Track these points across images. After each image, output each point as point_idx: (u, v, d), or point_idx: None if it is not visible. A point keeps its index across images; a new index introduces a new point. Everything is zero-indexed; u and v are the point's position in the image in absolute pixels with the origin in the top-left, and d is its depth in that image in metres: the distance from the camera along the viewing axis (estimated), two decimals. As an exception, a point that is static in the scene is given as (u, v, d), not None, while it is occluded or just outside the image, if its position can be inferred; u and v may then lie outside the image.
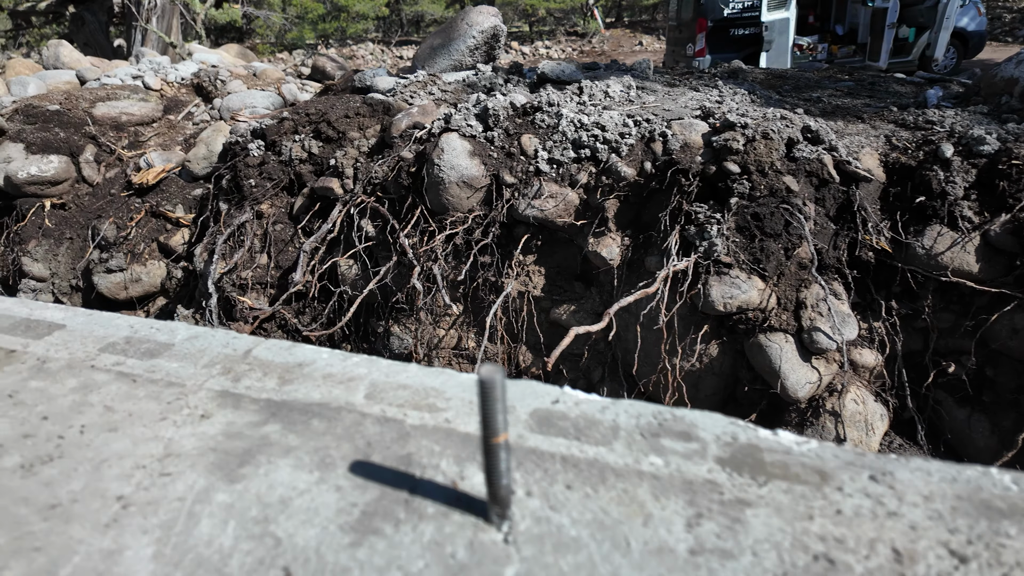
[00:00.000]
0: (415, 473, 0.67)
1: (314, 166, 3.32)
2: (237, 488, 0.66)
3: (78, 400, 0.81)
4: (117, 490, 0.66)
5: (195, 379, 0.86)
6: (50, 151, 4.10)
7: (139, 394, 0.83)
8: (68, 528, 0.61)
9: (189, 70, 5.62)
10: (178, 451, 0.72)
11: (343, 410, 0.79)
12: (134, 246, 3.87)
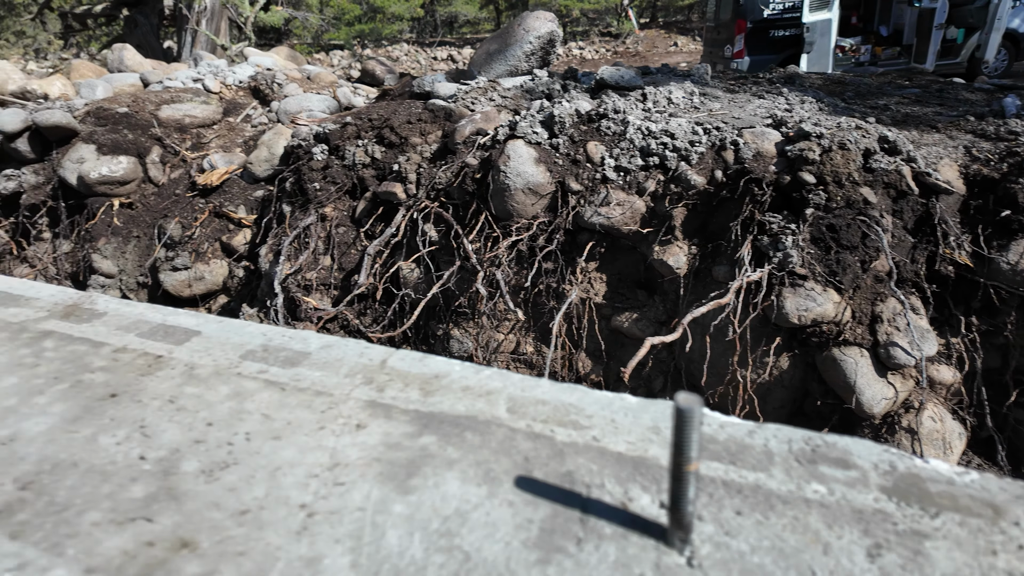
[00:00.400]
0: (581, 492, 0.69)
1: (376, 171, 3.38)
2: (411, 499, 0.68)
3: (235, 407, 0.85)
4: (298, 498, 0.69)
5: (341, 388, 0.89)
6: (119, 152, 4.26)
7: (291, 402, 0.86)
8: (263, 534, 0.64)
9: (246, 73, 5.76)
10: (344, 460, 0.75)
11: (491, 424, 0.81)
12: (198, 245, 4.00)
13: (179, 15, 13.66)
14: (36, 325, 1.08)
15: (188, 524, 0.65)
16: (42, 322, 1.09)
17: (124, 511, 0.67)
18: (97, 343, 1.02)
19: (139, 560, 0.60)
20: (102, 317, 1.11)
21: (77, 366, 0.95)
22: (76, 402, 0.86)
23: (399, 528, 0.64)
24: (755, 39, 8.09)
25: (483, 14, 24.84)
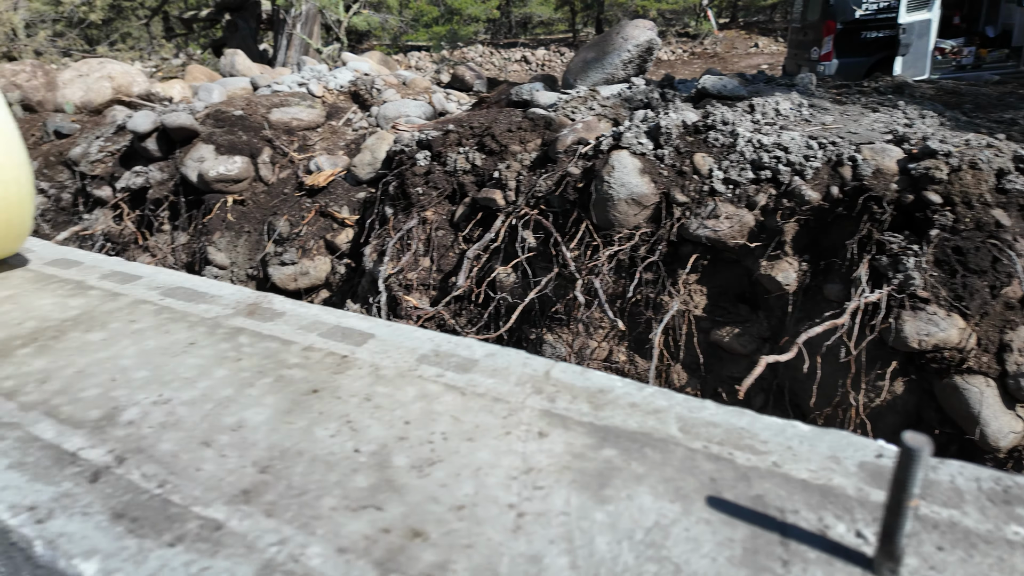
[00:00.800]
0: (775, 516, 0.71)
1: (476, 177, 3.49)
2: (609, 509, 0.73)
3: (426, 408, 0.93)
4: (504, 498, 0.75)
5: (515, 396, 0.95)
6: (234, 152, 4.57)
7: (473, 407, 0.93)
8: (483, 529, 0.70)
9: (346, 78, 6.04)
10: (536, 466, 0.80)
11: (668, 442, 0.84)
12: (304, 242, 4.24)
13: (276, 19, 14.38)
14: (227, 321, 1.20)
15: (413, 515, 0.72)
16: (231, 319, 1.21)
17: (355, 499, 0.75)
18: (286, 341, 1.13)
19: (380, 544, 0.68)
20: (283, 316, 1.22)
21: (275, 362, 1.06)
22: (283, 395, 0.96)
23: (606, 535, 0.69)
24: (845, 41, 7.74)
25: (558, 15, 24.85)
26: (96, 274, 1.43)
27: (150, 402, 0.94)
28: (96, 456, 0.82)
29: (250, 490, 0.76)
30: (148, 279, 1.40)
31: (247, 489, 0.76)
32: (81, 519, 0.72)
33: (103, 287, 1.36)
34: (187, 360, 1.06)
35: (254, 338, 1.14)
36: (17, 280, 1.41)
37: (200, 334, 1.16)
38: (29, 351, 1.09)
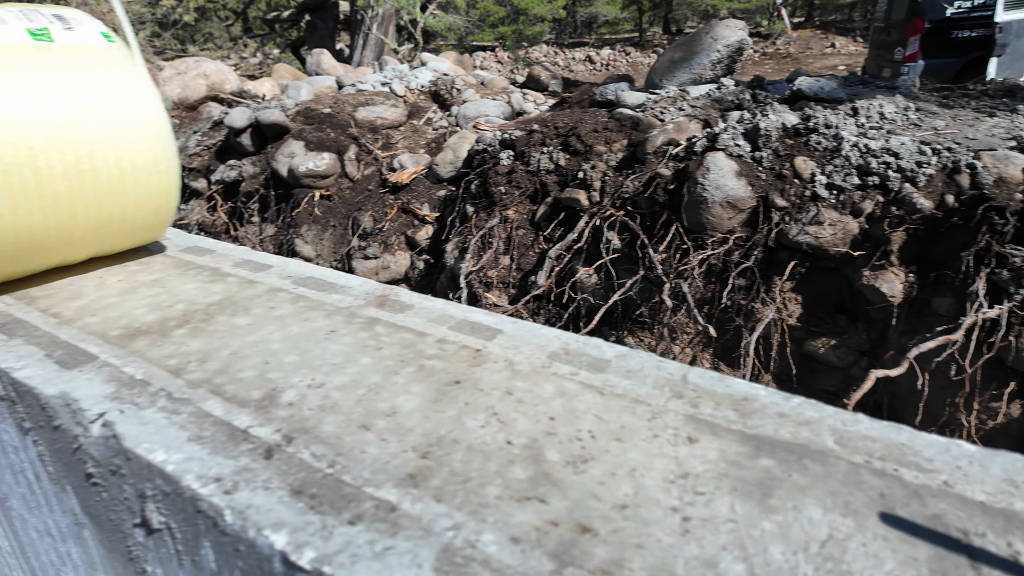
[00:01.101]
0: (959, 538, 0.68)
1: (559, 177, 3.49)
2: (777, 519, 0.72)
3: (567, 405, 0.94)
4: (666, 501, 0.75)
5: (655, 399, 0.95)
6: (323, 149, 4.75)
7: (613, 407, 0.93)
8: (650, 530, 0.70)
9: (426, 78, 6.16)
10: (691, 471, 0.80)
11: (827, 455, 0.82)
12: (387, 237, 4.36)
13: (353, 20, 14.81)
14: (361, 312, 1.25)
15: (577, 510, 0.73)
16: (364, 309, 1.26)
17: (517, 490, 0.76)
18: (420, 333, 1.16)
19: (552, 537, 0.69)
20: (412, 309, 1.26)
21: (413, 352, 1.09)
22: (428, 384, 0.99)
23: (779, 545, 0.68)
24: (933, 41, 7.32)
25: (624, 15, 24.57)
26: (229, 262, 1.51)
27: (305, 385, 0.99)
28: (265, 434, 0.87)
29: (415, 474, 0.79)
30: (278, 268, 1.48)
31: (412, 473, 0.79)
32: (264, 493, 0.76)
33: (238, 275, 1.44)
34: (331, 347, 1.11)
35: (390, 328, 1.18)
36: (159, 265, 1.50)
37: (338, 322, 1.21)
38: (184, 332, 1.16)
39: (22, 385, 1.01)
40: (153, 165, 1.33)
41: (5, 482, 1.33)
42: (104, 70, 1.26)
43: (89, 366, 1.04)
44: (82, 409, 0.94)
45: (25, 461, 1.17)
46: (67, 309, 1.26)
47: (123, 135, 1.28)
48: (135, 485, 0.88)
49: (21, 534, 1.42)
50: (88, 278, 1.42)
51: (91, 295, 1.33)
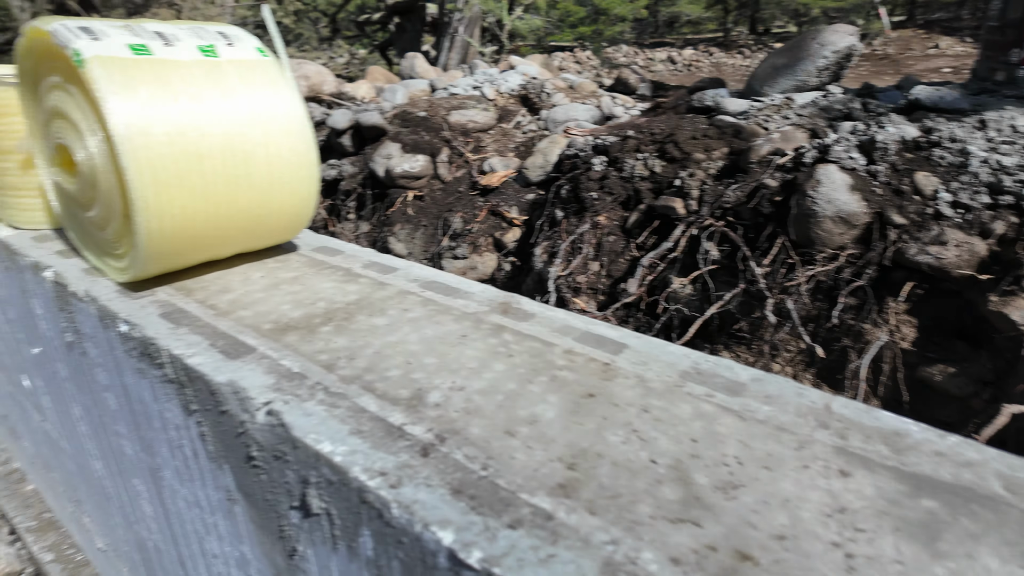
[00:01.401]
0: None
1: (654, 184, 3.46)
2: (949, 565, 0.69)
3: (707, 428, 0.94)
4: (825, 535, 0.74)
5: (799, 428, 0.93)
6: (418, 151, 4.91)
7: (756, 433, 0.92)
8: (812, 563, 0.70)
9: (515, 82, 6.24)
10: (848, 506, 0.78)
11: (997, 501, 0.78)
12: (475, 239, 4.46)
13: (441, 23, 15.16)
14: (487, 318, 1.29)
15: (734, 537, 0.73)
16: (489, 316, 1.30)
17: (668, 510, 0.77)
18: (547, 343, 1.19)
19: (711, 561, 0.70)
20: (534, 317, 1.29)
21: (543, 362, 1.12)
22: (563, 395, 1.02)
23: (954, 592, 0.66)
24: None
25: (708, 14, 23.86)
26: (358, 263, 1.60)
27: (447, 387, 1.04)
28: (419, 432, 0.92)
29: (565, 485, 0.82)
30: (404, 271, 1.55)
31: (562, 484, 0.82)
32: (427, 490, 0.81)
33: (369, 276, 1.52)
34: (465, 351, 1.16)
35: (517, 336, 1.22)
36: (296, 263, 1.61)
37: (468, 327, 1.25)
38: (329, 329, 1.24)
39: (194, 371, 1.12)
40: (297, 170, 1.43)
41: (160, 455, 1.47)
42: (260, 82, 1.36)
43: (250, 357, 1.14)
44: (249, 397, 1.03)
45: (185, 438, 1.29)
46: (221, 302, 1.37)
47: (274, 143, 1.37)
48: (298, 472, 0.95)
49: (169, 503, 1.56)
50: (234, 273, 1.54)
51: (239, 289, 1.44)
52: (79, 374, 1.75)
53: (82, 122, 1.24)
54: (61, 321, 1.67)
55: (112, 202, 1.29)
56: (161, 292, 1.40)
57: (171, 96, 1.21)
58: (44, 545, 3.19)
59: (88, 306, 1.43)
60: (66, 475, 2.60)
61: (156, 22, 1.35)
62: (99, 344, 1.48)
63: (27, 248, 1.73)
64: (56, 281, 1.57)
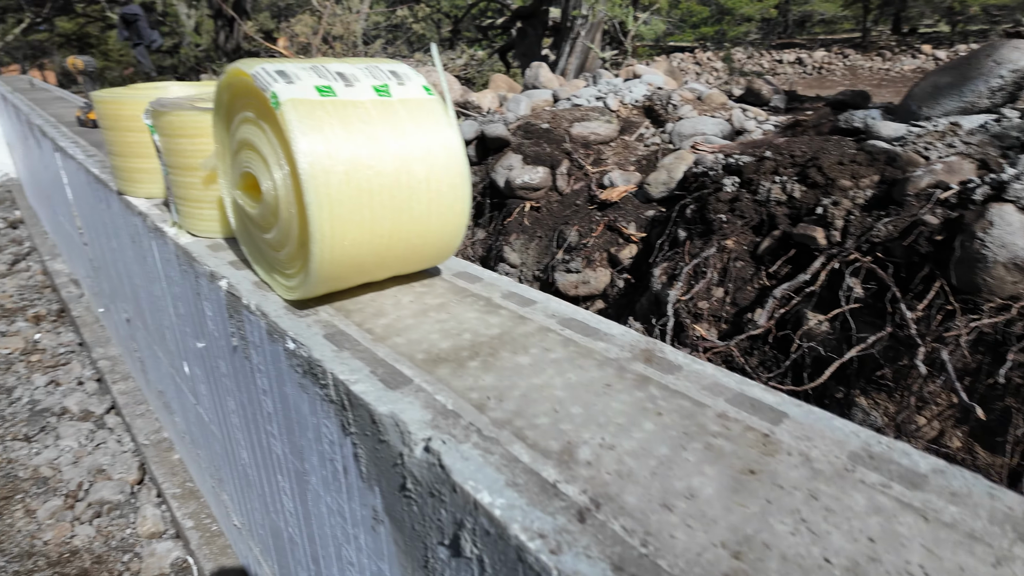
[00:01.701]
0: None
1: (791, 210, 3.26)
2: None
3: (886, 527, 0.86)
4: None
5: (994, 539, 0.84)
6: (538, 163, 4.96)
7: (944, 539, 0.84)
8: None
9: (640, 92, 6.12)
10: (1067, 648, 0.69)
11: None
12: (590, 253, 4.43)
13: (563, 27, 15.21)
14: (630, 366, 1.27)
15: (930, 667, 0.67)
16: (632, 364, 1.28)
17: (849, 622, 0.72)
18: (697, 402, 1.15)
19: None
20: (680, 370, 1.26)
21: (696, 425, 1.08)
22: (720, 468, 0.98)
23: None
24: None
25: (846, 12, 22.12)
26: (497, 293, 1.63)
27: (597, 444, 1.03)
28: (573, 493, 0.92)
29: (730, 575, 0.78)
30: (542, 305, 1.56)
31: (727, 574, 0.78)
32: (587, 561, 0.80)
33: (508, 308, 1.54)
34: (611, 403, 1.14)
35: (663, 391, 1.19)
36: (440, 289, 1.66)
37: (611, 375, 1.24)
38: (477, 365, 1.27)
39: (357, 398, 1.19)
40: (452, 204, 1.48)
41: (310, 462, 1.58)
42: (426, 120, 1.42)
43: (407, 388, 1.19)
44: (409, 432, 1.08)
45: (337, 454, 1.38)
46: (376, 326, 1.45)
47: (435, 178, 1.43)
48: (454, 514, 0.99)
49: (311, 505, 1.68)
50: (386, 296, 1.62)
51: (392, 314, 1.51)
52: (239, 374, 1.93)
53: (271, 156, 1.36)
54: (229, 326, 1.84)
55: (290, 229, 1.40)
56: (323, 312, 1.51)
57: (350, 135, 1.29)
58: (186, 512, 3.54)
59: (258, 319, 1.57)
60: (211, 454, 2.87)
61: (338, 62, 1.45)
62: (263, 354, 1.62)
63: (204, 256, 1.92)
64: (229, 292, 1.73)
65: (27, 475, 4.02)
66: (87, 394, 4.95)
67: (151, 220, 2.34)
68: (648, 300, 3.79)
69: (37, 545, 3.44)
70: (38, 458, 4.17)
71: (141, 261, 2.74)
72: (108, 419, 4.65)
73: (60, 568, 3.29)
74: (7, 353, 5.62)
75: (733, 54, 17.81)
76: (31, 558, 3.35)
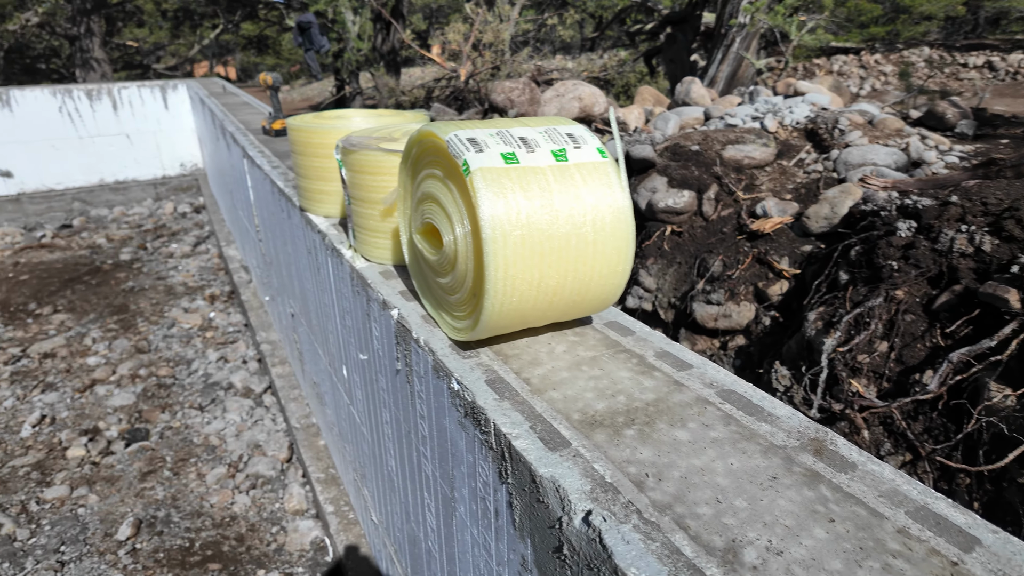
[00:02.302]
0: None
1: (978, 264, 2.91)
2: None
3: None
4: None
5: None
6: (684, 186, 4.83)
7: None
8: None
9: (802, 113, 5.75)
10: None
11: None
12: (735, 285, 4.25)
13: (716, 33, 14.63)
14: (798, 457, 1.22)
15: None
16: (800, 455, 1.22)
17: None
18: (873, 511, 1.08)
19: None
20: (855, 470, 1.18)
21: (872, 539, 1.02)
22: (903, 598, 0.91)
23: None
24: None
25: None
26: (651, 351, 1.63)
27: (763, 546, 1.00)
28: (739, 602, 0.90)
29: None
30: (699, 371, 1.53)
31: None
32: None
33: (663, 370, 1.53)
34: (778, 500, 1.11)
35: (836, 493, 1.13)
36: (592, 340, 1.69)
37: (776, 466, 1.20)
38: (633, 434, 1.28)
39: (518, 454, 1.25)
40: (616, 265, 1.50)
41: (460, 492, 1.68)
42: (598, 184, 1.46)
43: (566, 451, 1.23)
44: (569, 500, 1.12)
45: (490, 495, 1.45)
46: (533, 376, 1.51)
47: (602, 240, 1.46)
48: (611, 595, 1.01)
49: (456, 530, 1.78)
50: (540, 342, 1.68)
51: (546, 364, 1.57)
52: (399, 393, 2.09)
53: (454, 214, 1.46)
54: (395, 351, 2.01)
55: (464, 280, 1.50)
56: (484, 355, 1.60)
57: (529, 201, 1.36)
58: (327, 497, 3.88)
59: (425, 354, 1.69)
60: (358, 452, 3.13)
61: (520, 125, 1.52)
62: (426, 385, 1.75)
63: (377, 283, 2.10)
64: (399, 322, 1.88)
65: (199, 441, 4.62)
66: (249, 373, 5.57)
67: (329, 239, 2.59)
68: (798, 344, 3.55)
69: (205, 507, 3.95)
70: (208, 427, 4.77)
71: (314, 272, 3.05)
72: (265, 398, 5.20)
73: (222, 530, 3.76)
74: (188, 328, 6.48)
75: (910, 63, 16.07)
76: (199, 517, 3.86)
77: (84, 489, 4.03)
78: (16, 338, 6.19)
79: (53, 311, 6.85)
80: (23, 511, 3.83)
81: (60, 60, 25.66)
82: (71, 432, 4.62)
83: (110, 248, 9.04)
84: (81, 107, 10.56)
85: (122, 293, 7.33)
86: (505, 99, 8.38)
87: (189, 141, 11.60)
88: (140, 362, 5.71)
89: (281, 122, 4.77)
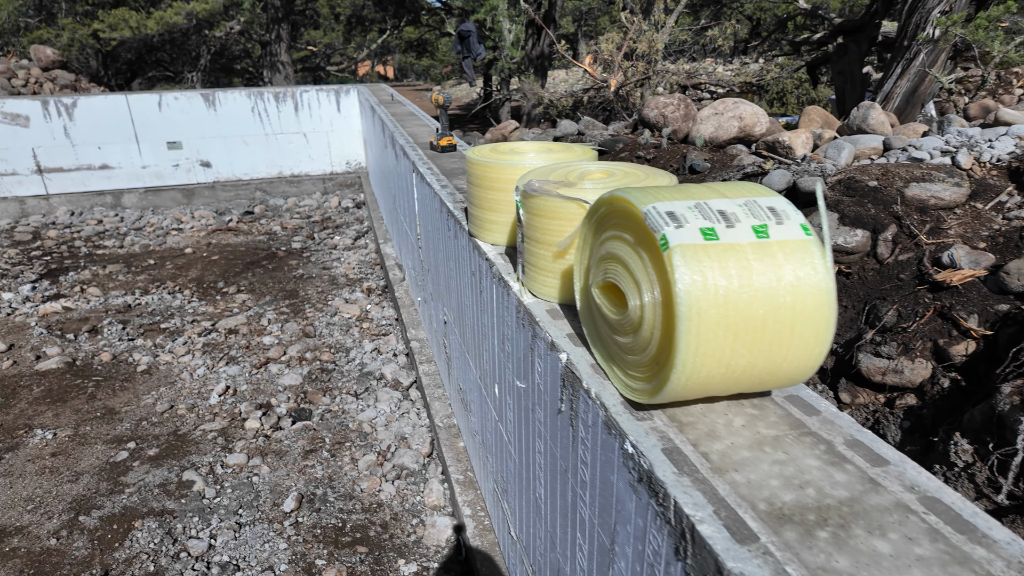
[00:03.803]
0: None
1: None
2: None
3: None
4: None
5: None
6: (857, 225, 4.46)
7: None
8: None
9: (1005, 148, 5.08)
10: None
11: None
12: (910, 339, 3.86)
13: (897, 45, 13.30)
14: (1023, 596, 1.10)
15: None
16: (1025, 592, 1.10)
17: None
18: None
19: None
20: (1098, 626, 1.05)
21: None
22: None
23: None
24: None
25: None
26: (839, 437, 1.54)
27: None
28: None
29: None
30: (896, 469, 1.43)
31: None
32: None
33: (855, 463, 1.45)
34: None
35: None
36: (773, 416, 1.63)
37: (999, 607, 1.09)
38: (826, 536, 1.22)
39: (702, 539, 1.25)
40: (812, 348, 1.45)
41: (620, 550, 1.70)
42: (801, 263, 1.41)
43: (754, 547, 1.21)
44: (758, 603, 1.10)
45: (660, 565, 1.46)
46: (711, 450, 1.49)
47: (800, 323, 1.41)
48: None
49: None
50: (716, 411, 1.65)
51: (724, 438, 1.54)
52: (559, 432, 2.15)
53: (644, 282, 1.48)
54: (559, 392, 2.07)
55: (647, 346, 1.51)
56: (657, 418, 1.61)
57: (727, 280, 1.35)
58: (465, 499, 4.06)
59: (596, 407, 1.73)
60: (501, 466, 3.25)
61: (719, 196, 1.51)
62: (593, 436, 1.79)
63: (545, 323, 2.17)
64: (568, 367, 1.94)
65: (354, 427, 5.03)
66: (399, 366, 5.96)
67: (496, 269, 2.72)
68: (984, 416, 3.16)
69: (356, 491, 4.30)
70: (362, 415, 5.18)
71: (476, 293, 3.21)
72: (411, 392, 5.54)
73: (369, 515, 4.08)
74: (348, 317, 7.06)
75: None
76: (351, 500, 4.21)
77: (258, 459, 4.57)
78: (208, 312, 7.13)
79: (237, 291, 7.80)
80: (211, 472, 4.42)
81: (251, 60, 29.05)
82: (249, 405, 5.25)
83: (284, 236, 10.11)
84: (269, 107, 11.91)
85: (293, 279, 8.18)
86: (658, 115, 8.24)
87: (355, 141, 12.66)
88: (307, 346, 6.33)
89: (448, 139, 5.07)
